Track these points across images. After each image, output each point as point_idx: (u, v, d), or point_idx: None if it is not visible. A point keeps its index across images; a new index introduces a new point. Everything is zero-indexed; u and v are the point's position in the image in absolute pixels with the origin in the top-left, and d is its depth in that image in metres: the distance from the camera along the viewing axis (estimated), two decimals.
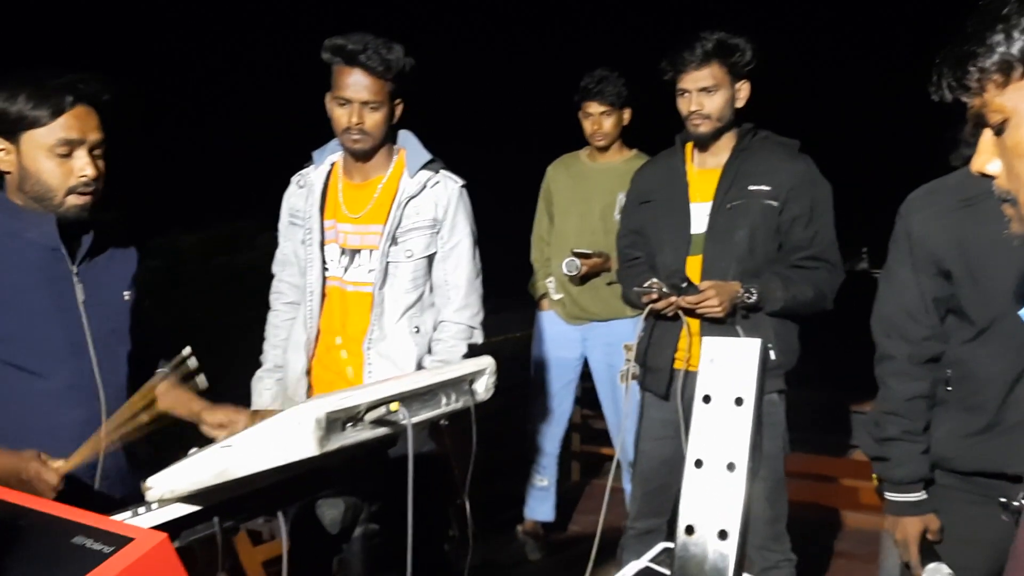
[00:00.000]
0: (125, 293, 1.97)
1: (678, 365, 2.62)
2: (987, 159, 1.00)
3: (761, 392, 0.86)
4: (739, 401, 0.86)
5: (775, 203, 2.54)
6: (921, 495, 1.95)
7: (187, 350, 1.86)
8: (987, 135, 1.00)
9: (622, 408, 3.45)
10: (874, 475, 2.09)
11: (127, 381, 1.93)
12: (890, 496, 1.98)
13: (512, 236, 4.09)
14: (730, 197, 2.56)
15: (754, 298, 2.48)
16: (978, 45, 0.94)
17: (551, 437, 3.86)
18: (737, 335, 2.49)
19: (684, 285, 2.46)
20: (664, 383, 2.63)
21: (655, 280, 2.54)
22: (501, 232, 4.07)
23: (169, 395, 2.07)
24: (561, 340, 3.78)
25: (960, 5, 1.05)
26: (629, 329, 3.52)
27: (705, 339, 0.91)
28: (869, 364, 2.08)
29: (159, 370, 1.94)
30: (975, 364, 1.85)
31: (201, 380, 1.88)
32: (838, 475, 4.38)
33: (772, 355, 2.53)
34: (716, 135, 2.60)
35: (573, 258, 3.55)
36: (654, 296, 2.49)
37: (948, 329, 1.92)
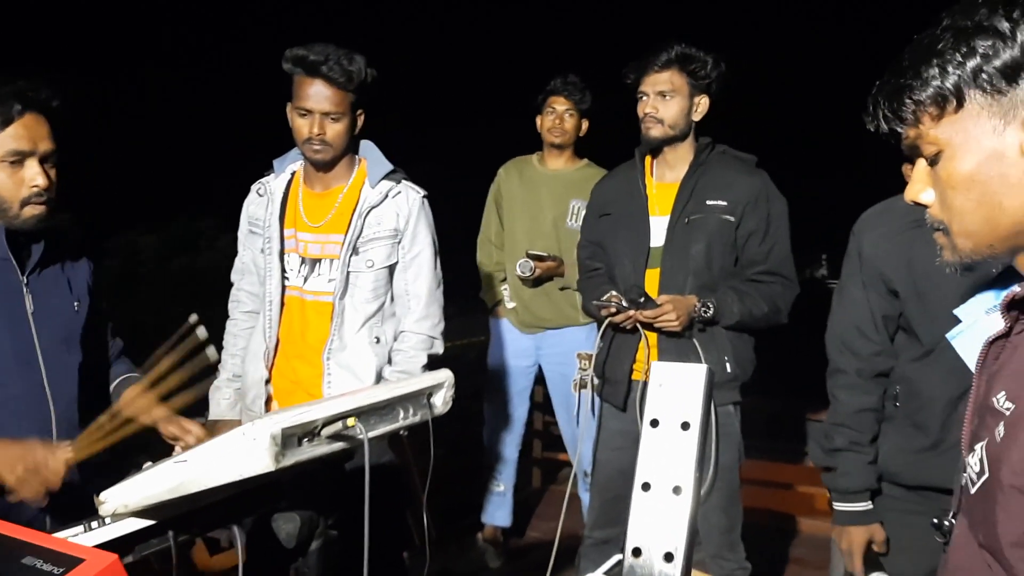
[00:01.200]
0: (76, 303, 1.95)
1: (636, 376, 2.65)
2: (921, 189, 1.04)
3: (708, 417, 0.89)
4: (686, 425, 0.88)
5: (731, 218, 2.58)
6: (867, 505, 2.00)
7: (194, 318, 1.76)
8: (921, 165, 1.03)
9: (575, 417, 3.49)
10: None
11: (78, 391, 1.91)
12: (837, 506, 2.03)
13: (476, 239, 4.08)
14: (688, 211, 2.60)
15: (711, 312, 2.52)
16: (914, 78, 0.97)
17: (507, 443, 3.88)
18: (695, 348, 2.53)
19: (642, 300, 2.49)
20: (622, 394, 2.66)
21: (613, 293, 2.57)
22: (466, 235, 4.08)
23: (133, 400, 2.06)
24: (515, 348, 3.80)
25: (915, 20, 1.07)
26: (582, 337, 3.56)
27: (653, 364, 0.94)
28: (824, 372, 2.13)
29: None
30: (921, 382, 1.90)
31: (211, 352, 1.79)
32: (793, 482, 4.45)
33: (728, 367, 2.57)
34: (668, 142, 2.63)
35: (527, 259, 3.57)
36: (612, 310, 2.52)
37: (898, 346, 1.97)
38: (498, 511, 3.93)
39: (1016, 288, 0.94)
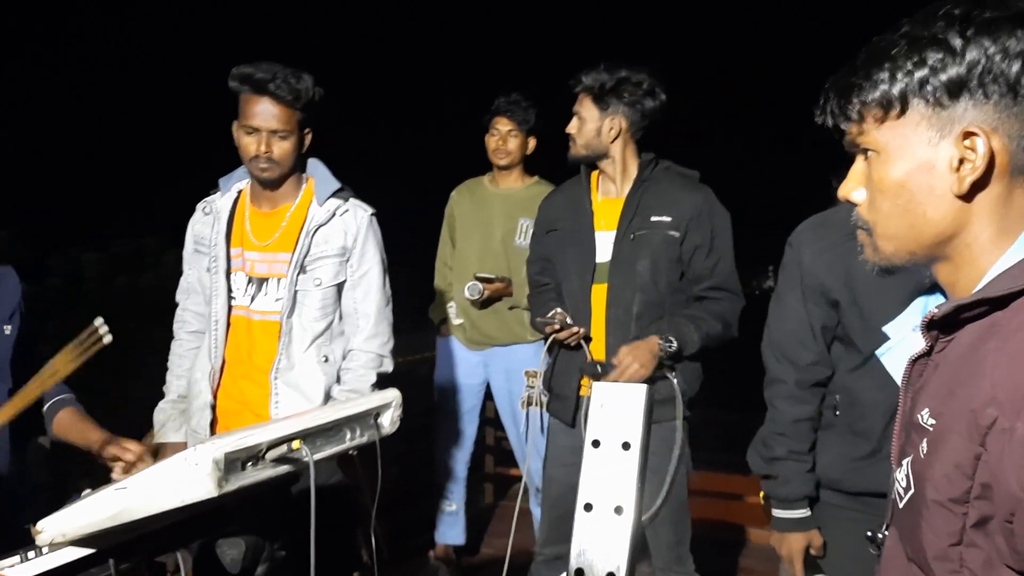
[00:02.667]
0: (5, 327, 1.90)
1: (584, 392, 2.67)
2: (854, 187, 1.06)
3: (648, 436, 0.90)
4: (626, 445, 0.89)
5: (676, 233, 2.61)
6: (805, 512, 2.05)
7: (99, 321, 1.77)
8: (859, 163, 1.05)
9: (524, 433, 3.50)
10: (761, 493, 2.18)
11: None
12: (776, 513, 2.08)
13: (430, 254, 4.08)
14: (633, 227, 2.63)
15: (674, 347, 2.55)
16: (864, 79, 1.00)
17: (458, 461, 3.87)
18: (668, 377, 2.57)
19: (600, 371, 2.53)
20: (570, 410, 2.67)
21: (558, 310, 2.59)
22: (417, 249, 4.07)
23: (68, 425, 2.02)
24: (463, 366, 3.79)
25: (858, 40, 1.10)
26: (529, 354, 3.57)
27: (594, 384, 0.95)
28: None
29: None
30: (861, 391, 1.95)
31: (106, 337, 1.78)
32: (743, 492, 4.50)
33: (675, 384, 2.60)
34: (593, 159, 2.68)
35: (476, 282, 3.57)
36: (556, 327, 2.54)
37: (835, 357, 2.02)
38: (451, 530, 3.92)
39: (934, 309, 0.97)
